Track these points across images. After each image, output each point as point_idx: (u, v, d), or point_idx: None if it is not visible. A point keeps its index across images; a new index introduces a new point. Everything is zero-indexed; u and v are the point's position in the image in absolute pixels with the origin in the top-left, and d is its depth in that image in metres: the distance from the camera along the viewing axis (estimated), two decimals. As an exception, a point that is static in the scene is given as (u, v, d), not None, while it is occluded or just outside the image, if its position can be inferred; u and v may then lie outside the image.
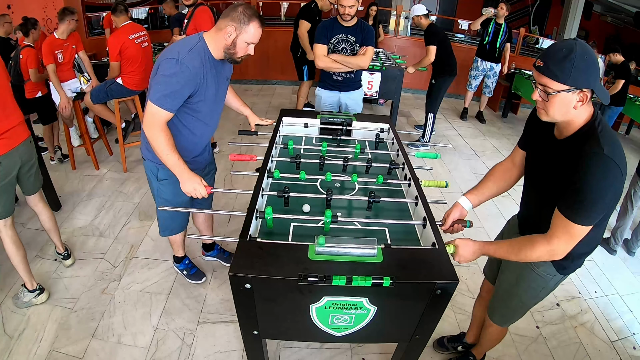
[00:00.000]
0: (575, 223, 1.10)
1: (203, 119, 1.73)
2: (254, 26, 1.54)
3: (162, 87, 1.49)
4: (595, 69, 1.06)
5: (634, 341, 2.17)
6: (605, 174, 1.04)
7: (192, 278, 2.30)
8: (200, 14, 3.14)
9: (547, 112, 1.13)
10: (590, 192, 1.05)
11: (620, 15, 9.76)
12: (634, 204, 2.73)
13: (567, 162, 1.12)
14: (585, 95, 1.07)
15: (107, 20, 4.56)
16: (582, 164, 1.06)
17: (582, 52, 1.04)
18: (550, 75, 1.07)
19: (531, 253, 1.19)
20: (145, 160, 1.82)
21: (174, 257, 2.31)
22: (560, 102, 1.09)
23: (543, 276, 1.36)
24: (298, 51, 4.19)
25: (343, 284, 1.10)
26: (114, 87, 3.18)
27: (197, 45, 1.54)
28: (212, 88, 1.66)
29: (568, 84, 1.05)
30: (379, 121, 2.35)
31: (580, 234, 1.12)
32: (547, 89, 1.09)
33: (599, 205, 1.07)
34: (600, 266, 2.73)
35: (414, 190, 1.63)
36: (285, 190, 1.49)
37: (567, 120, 1.14)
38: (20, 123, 1.90)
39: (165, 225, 2.02)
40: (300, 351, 1.91)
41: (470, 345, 1.95)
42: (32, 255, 2.42)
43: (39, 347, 1.87)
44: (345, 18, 2.54)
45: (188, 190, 1.62)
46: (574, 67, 1.03)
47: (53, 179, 2.88)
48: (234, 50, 1.57)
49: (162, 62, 1.52)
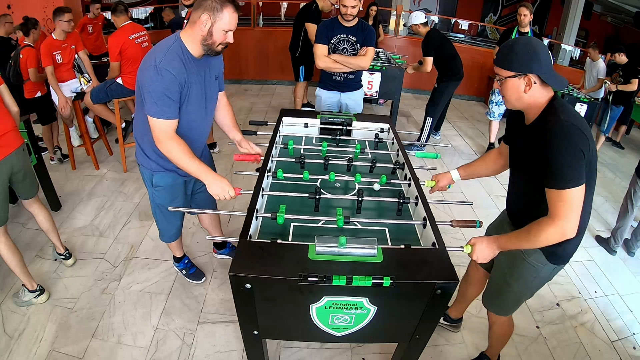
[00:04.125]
0: (565, 189, 1.16)
1: (193, 121, 1.66)
2: (228, 12, 1.45)
3: (151, 97, 1.46)
4: (537, 57, 1.19)
5: (634, 341, 2.17)
6: (567, 135, 1.15)
7: (191, 277, 2.29)
8: None
9: (506, 99, 1.29)
10: (561, 157, 1.15)
11: (620, 15, 9.76)
12: (634, 204, 2.73)
13: (537, 143, 1.22)
14: (530, 80, 1.20)
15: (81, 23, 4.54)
16: (547, 137, 1.18)
17: (524, 44, 1.21)
18: (500, 65, 1.25)
19: (540, 235, 1.22)
20: (141, 166, 1.80)
21: (174, 256, 2.31)
22: (511, 87, 1.24)
23: (534, 265, 1.40)
24: (297, 51, 4.19)
25: (343, 284, 1.10)
26: (114, 87, 3.18)
27: (174, 46, 1.49)
28: (196, 88, 1.59)
29: (512, 70, 1.22)
30: (379, 121, 2.35)
31: (576, 197, 1.17)
32: (500, 77, 1.26)
33: (574, 164, 1.15)
34: (600, 266, 2.73)
35: (414, 190, 1.63)
36: (317, 190, 1.50)
37: (526, 106, 1.27)
38: (12, 130, 1.87)
39: (162, 230, 2.03)
40: (300, 351, 1.91)
41: (453, 320, 2.04)
42: (32, 255, 2.42)
43: (39, 347, 1.87)
44: (347, 18, 2.54)
45: (216, 192, 1.57)
46: (516, 55, 1.21)
47: (53, 179, 2.87)
48: (211, 40, 1.49)
49: (142, 71, 1.49)
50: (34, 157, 2.59)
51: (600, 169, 4.39)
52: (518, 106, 1.29)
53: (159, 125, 1.50)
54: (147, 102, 1.48)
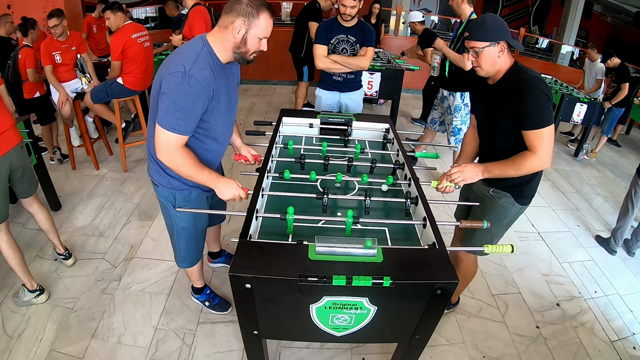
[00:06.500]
0: (541, 128, 1.43)
1: (216, 135, 1.52)
2: (264, 18, 1.33)
3: (172, 108, 1.30)
4: (503, 27, 1.47)
5: (634, 341, 2.17)
6: (538, 85, 1.42)
7: (217, 309, 2.08)
8: (194, 15, 3.10)
9: (482, 67, 1.51)
10: (536, 103, 1.41)
11: (620, 15, 9.76)
12: (635, 205, 2.73)
13: (505, 98, 1.48)
14: (503, 46, 1.47)
15: (86, 23, 4.54)
16: (519, 88, 1.43)
17: (491, 18, 1.48)
18: (474, 39, 1.48)
19: (524, 165, 1.49)
20: (158, 186, 1.60)
21: (192, 287, 2.10)
22: (488, 55, 1.48)
23: (505, 206, 1.68)
24: (299, 51, 4.18)
25: (343, 284, 1.10)
26: (114, 86, 3.18)
27: (203, 51, 1.34)
28: (225, 98, 1.46)
29: (487, 40, 1.46)
30: (379, 121, 2.35)
31: (550, 135, 1.45)
32: (475, 49, 1.49)
33: (545, 106, 1.41)
34: (600, 266, 2.73)
35: (414, 190, 1.63)
36: (324, 191, 1.49)
37: (497, 69, 1.51)
38: (11, 128, 1.87)
39: (184, 255, 1.81)
40: (300, 351, 1.91)
41: (451, 304, 2.18)
42: (32, 255, 2.42)
43: (39, 347, 1.87)
44: (346, 18, 2.54)
45: (228, 197, 1.48)
46: (488, 28, 1.46)
47: (53, 179, 2.87)
48: (245, 48, 1.37)
49: (166, 77, 1.31)
50: (34, 157, 2.59)
51: (600, 169, 4.40)
52: (491, 71, 1.52)
53: (169, 139, 1.34)
54: (163, 111, 1.31)
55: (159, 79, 1.35)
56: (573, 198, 3.65)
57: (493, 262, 2.62)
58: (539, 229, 3.08)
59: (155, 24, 6.78)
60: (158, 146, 1.37)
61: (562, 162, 4.46)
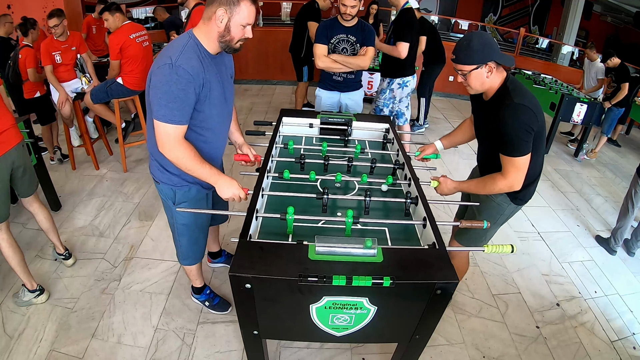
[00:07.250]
0: (514, 157, 1.48)
1: (213, 126, 1.54)
2: (245, 5, 1.35)
3: (165, 99, 1.33)
4: (490, 47, 1.44)
5: (634, 341, 2.17)
6: (518, 115, 1.42)
7: (217, 309, 2.09)
8: (197, 14, 3.11)
9: (471, 87, 1.53)
10: (513, 132, 1.44)
11: (620, 15, 9.76)
12: (635, 205, 2.73)
13: (493, 117, 1.50)
14: (490, 67, 1.46)
15: (86, 23, 4.53)
16: (501, 114, 1.45)
17: (477, 38, 1.45)
18: (461, 62, 1.47)
19: (494, 187, 1.57)
20: (159, 183, 1.62)
21: (192, 287, 2.11)
22: (476, 77, 1.48)
23: (500, 204, 1.72)
24: (299, 51, 4.18)
25: (343, 284, 1.10)
26: (114, 86, 3.18)
27: (189, 44, 1.38)
28: (217, 88, 1.48)
29: (474, 62, 1.45)
30: (379, 121, 2.35)
31: (523, 164, 1.50)
32: (463, 72, 1.49)
33: (521, 137, 1.44)
34: (600, 266, 2.73)
35: (414, 190, 1.63)
36: (324, 191, 1.49)
37: (488, 88, 1.53)
38: (12, 127, 1.87)
39: (187, 253, 1.83)
40: (300, 351, 1.91)
41: None
42: (32, 255, 2.42)
43: (39, 347, 1.87)
44: (346, 18, 2.54)
45: (228, 196, 1.49)
46: (474, 50, 1.44)
47: (53, 179, 2.87)
48: (229, 36, 1.39)
49: (155, 71, 1.35)
50: (34, 157, 2.59)
51: (600, 169, 4.40)
52: (481, 90, 1.54)
53: (167, 130, 1.36)
54: (156, 105, 1.35)
55: (150, 74, 1.40)
56: (573, 198, 3.65)
57: (493, 262, 2.62)
58: (539, 229, 3.08)
59: (155, 24, 6.76)
60: (159, 140, 1.40)
61: (562, 162, 4.46)
